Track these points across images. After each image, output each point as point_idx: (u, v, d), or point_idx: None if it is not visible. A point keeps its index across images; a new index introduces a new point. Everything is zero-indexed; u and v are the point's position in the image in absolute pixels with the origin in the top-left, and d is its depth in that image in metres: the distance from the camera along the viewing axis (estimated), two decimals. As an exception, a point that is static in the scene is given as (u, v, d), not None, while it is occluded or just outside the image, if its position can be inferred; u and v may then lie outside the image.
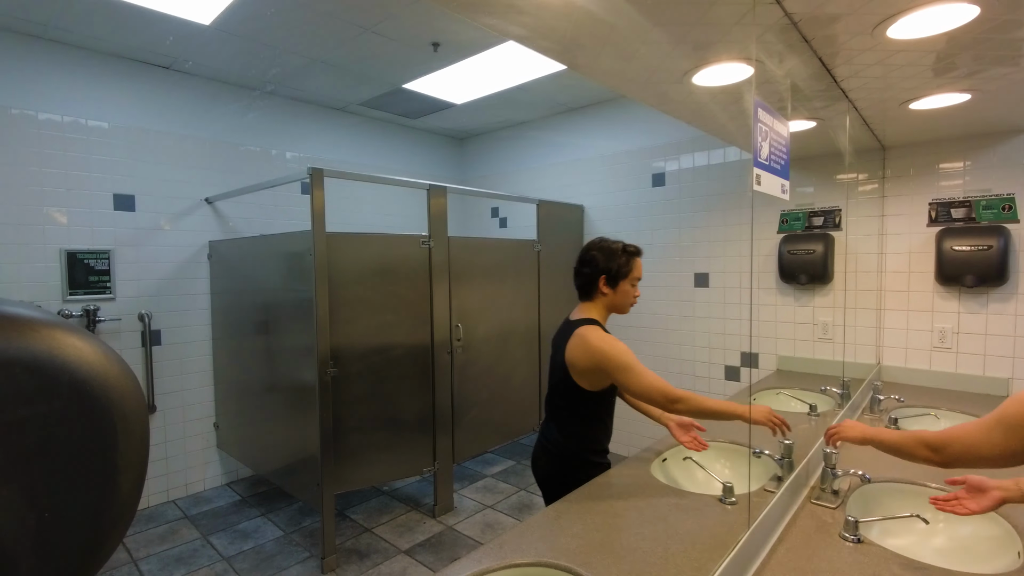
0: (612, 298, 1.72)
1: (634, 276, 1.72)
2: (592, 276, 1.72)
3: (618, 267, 1.70)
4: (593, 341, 1.62)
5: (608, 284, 1.71)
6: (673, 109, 2.13)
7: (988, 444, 1.05)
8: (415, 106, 4.17)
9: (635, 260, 1.73)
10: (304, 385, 2.79)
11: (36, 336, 0.45)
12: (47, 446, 0.45)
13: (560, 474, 1.76)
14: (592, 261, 1.72)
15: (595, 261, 1.72)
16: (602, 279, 1.71)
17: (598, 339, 1.62)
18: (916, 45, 1.52)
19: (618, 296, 1.72)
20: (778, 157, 1.38)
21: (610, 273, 1.70)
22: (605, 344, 1.61)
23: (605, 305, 1.74)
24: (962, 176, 2.61)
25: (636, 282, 1.74)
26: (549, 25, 1.34)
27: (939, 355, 2.70)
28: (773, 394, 2.54)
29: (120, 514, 0.50)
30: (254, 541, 2.95)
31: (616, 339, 1.65)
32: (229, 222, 3.69)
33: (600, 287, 1.71)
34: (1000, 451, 1.03)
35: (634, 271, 1.72)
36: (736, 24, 1.37)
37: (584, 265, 1.74)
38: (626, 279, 1.71)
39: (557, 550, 1.21)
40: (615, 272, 1.70)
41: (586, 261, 1.73)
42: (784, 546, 1.26)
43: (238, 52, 3.14)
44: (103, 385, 0.48)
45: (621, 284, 1.71)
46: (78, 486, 0.47)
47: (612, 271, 1.70)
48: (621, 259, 1.70)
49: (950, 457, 1.10)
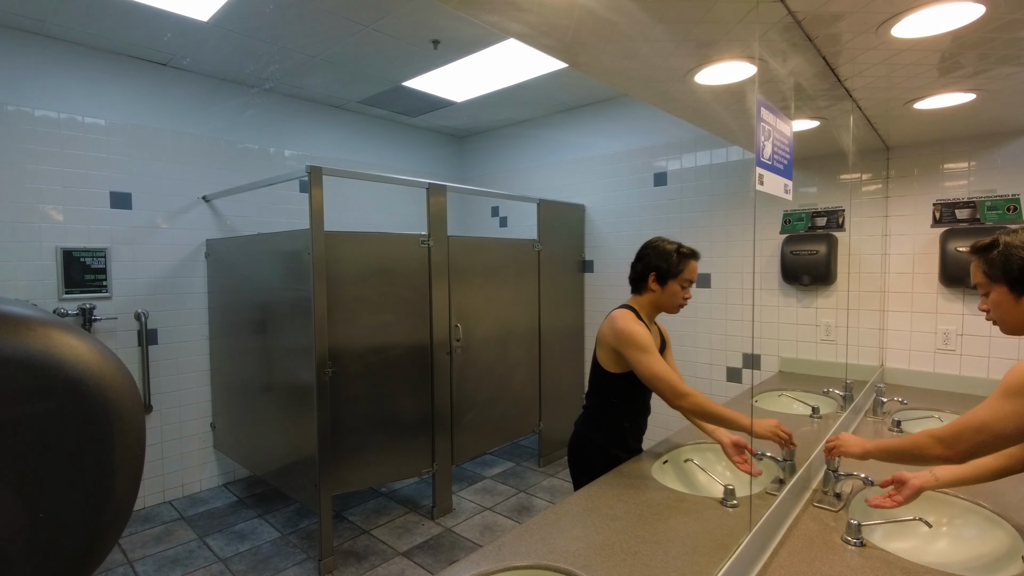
0: (659, 295, 1.79)
1: (684, 277, 1.77)
2: (643, 272, 1.80)
3: (668, 266, 1.76)
4: (618, 320, 1.73)
5: (657, 281, 1.78)
6: (675, 108, 2.13)
7: (997, 419, 1.04)
8: (415, 104, 4.17)
9: (688, 262, 1.77)
10: (302, 385, 2.79)
11: (31, 335, 0.45)
12: (42, 446, 0.45)
13: (575, 452, 1.90)
14: (644, 257, 1.81)
15: (647, 257, 1.80)
16: (652, 275, 1.78)
17: (624, 320, 1.72)
18: (921, 44, 1.52)
19: (666, 295, 1.78)
20: (781, 157, 1.38)
21: (660, 271, 1.77)
22: (628, 325, 1.70)
23: (651, 301, 1.81)
24: (967, 176, 2.61)
25: (687, 284, 1.78)
26: (550, 22, 1.34)
27: (943, 357, 2.70)
28: (775, 396, 2.54)
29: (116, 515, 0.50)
30: (251, 542, 2.95)
31: (644, 328, 1.72)
32: (227, 220, 3.69)
33: (649, 283, 1.79)
34: (1014, 424, 1.02)
35: (685, 272, 1.77)
36: (739, 22, 1.37)
37: (638, 260, 1.83)
38: (676, 279, 1.77)
39: (557, 552, 1.21)
40: (665, 271, 1.76)
41: (640, 257, 1.83)
42: (786, 549, 1.26)
43: (236, 49, 3.14)
44: (99, 385, 0.48)
45: (670, 283, 1.77)
46: (73, 487, 0.47)
47: (662, 269, 1.77)
48: (673, 259, 1.76)
49: (964, 445, 1.08)
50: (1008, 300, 1.14)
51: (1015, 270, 1.11)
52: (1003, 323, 1.18)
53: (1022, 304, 1.12)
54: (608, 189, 4.06)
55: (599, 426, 1.85)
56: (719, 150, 3.45)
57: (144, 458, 0.53)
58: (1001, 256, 1.13)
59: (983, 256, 1.18)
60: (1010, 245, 1.12)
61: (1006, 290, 1.14)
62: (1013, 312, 1.14)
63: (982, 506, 1.43)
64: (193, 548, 2.89)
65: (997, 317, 1.18)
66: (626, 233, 3.95)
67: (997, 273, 1.14)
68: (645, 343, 1.67)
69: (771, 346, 3.16)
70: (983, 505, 1.43)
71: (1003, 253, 1.13)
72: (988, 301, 1.19)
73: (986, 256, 1.17)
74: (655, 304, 1.81)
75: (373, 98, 4.03)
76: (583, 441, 1.88)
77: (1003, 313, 1.16)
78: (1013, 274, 1.12)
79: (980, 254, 1.19)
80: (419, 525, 3.12)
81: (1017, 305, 1.13)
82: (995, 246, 1.15)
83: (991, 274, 1.16)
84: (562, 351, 4.08)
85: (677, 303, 1.79)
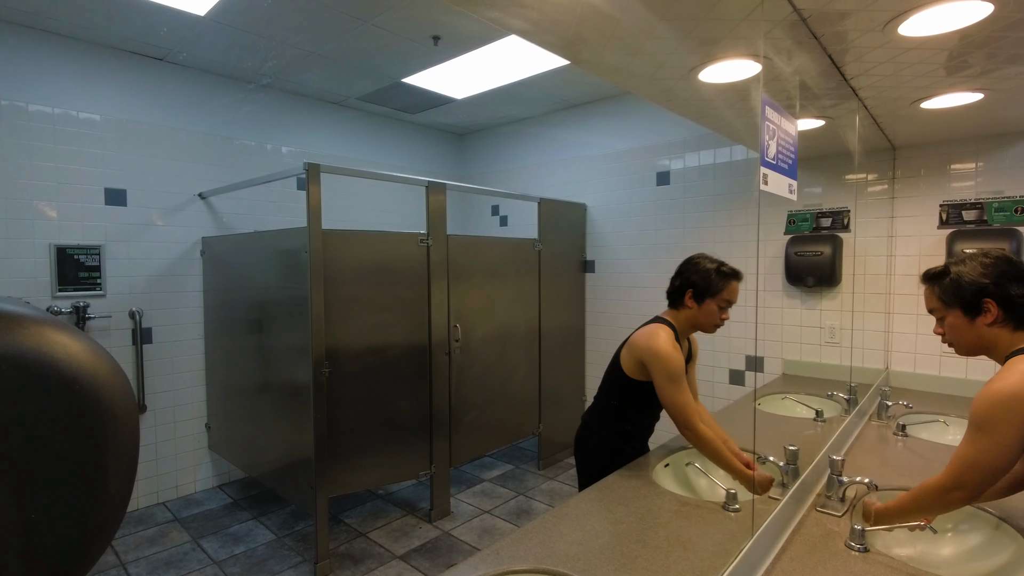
0: (696, 313, 1.79)
1: (723, 298, 1.76)
2: (681, 288, 1.81)
3: (708, 285, 1.76)
4: (656, 341, 1.73)
5: (694, 299, 1.78)
6: (679, 106, 2.13)
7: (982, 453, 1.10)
8: (414, 101, 4.17)
9: (730, 283, 1.76)
10: (298, 385, 2.79)
11: (24, 333, 0.45)
12: (34, 446, 0.45)
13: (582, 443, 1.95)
14: (684, 273, 1.82)
15: (686, 273, 1.80)
16: (689, 292, 1.78)
17: (661, 342, 1.72)
18: (928, 43, 1.52)
19: (702, 313, 1.78)
20: (786, 156, 1.38)
21: (697, 288, 1.77)
22: (665, 349, 1.71)
23: (687, 318, 1.81)
24: (974, 177, 2.61)
25: (726, 304, 1.78)
26: (552, 19, 1.34)
27: (949, 361, 2.70)
28: (778, 399, 2.54)
29: (109, 516, 0.50)
30: (245, 545, 2.95)
31: (679, 354, 1.73)
32: (223, 218, 3.69)
33: (686, 300, 1.79)
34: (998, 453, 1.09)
35: (724, 293, 1.76)
36: (744, 20, 1.37)
37: (677, 276, 1.84)
38: (714, 299, 1.76)
39: (556, 557, 1.21)
40: (703, 289, 1.76)
41: (679, 272, 1.84)
42: (788, 555, 1.26)
43: (233, 44, 3.14)
44: (92, 384, 0.48)
45: (707, 302, 1.76)
46: (66, 487, 0.47)
47: (700, 287, 1.76)
48: (713, 277, 1.76)
49: (972, 484, 1.13)
50: (963, 323, 1.26)
51: (967, 295, 1.23)
52: (958, 345, 1.29)
53: (976, 325, 1.24)
54: (610, 188, 4.06)
55: (607, 422, 1.90)
56: (723, 149, 3.45)
57: (138, 459, 0.53)
58: (952, 284, 1.26)
59: (937, 283, 1.30)
60: (960, 273, 1.25)
61: (960, 313, 1.26)
62: (968, 334, 1.26)
63: (988, 512, 1.43)
64: (187, 550, 2.89)
65: (952, 339, 1.29)
66: (628, 233, 3.95)
67: (950, 299, 1.27)
68: (676, 372, 1.69)
69: (774, 348, 3.16)
70: (989, 511, 1.43)
71: (954, 281, 1.26)
72: (944, 325, 1.30)
73: (940, 283, 1.29)
74: (692, 322, 1.81)
75: (372, 94, 4.03)
76: (590, 433, 1.93)
77: (958, 335, 1.28)
78: (966, 299, 1.24)
79: (933, 282, 1.31)
80: (416, 528, 3.12)
81: (972, 327, 1.24)
82: (946, 274, 1.28)
83: (945, 300, 1.28)
84: (562, 352, 4.08)
85: (714, 323, 1.78)
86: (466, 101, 4.15)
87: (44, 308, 2.95)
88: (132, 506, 3.37)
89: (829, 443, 1.83)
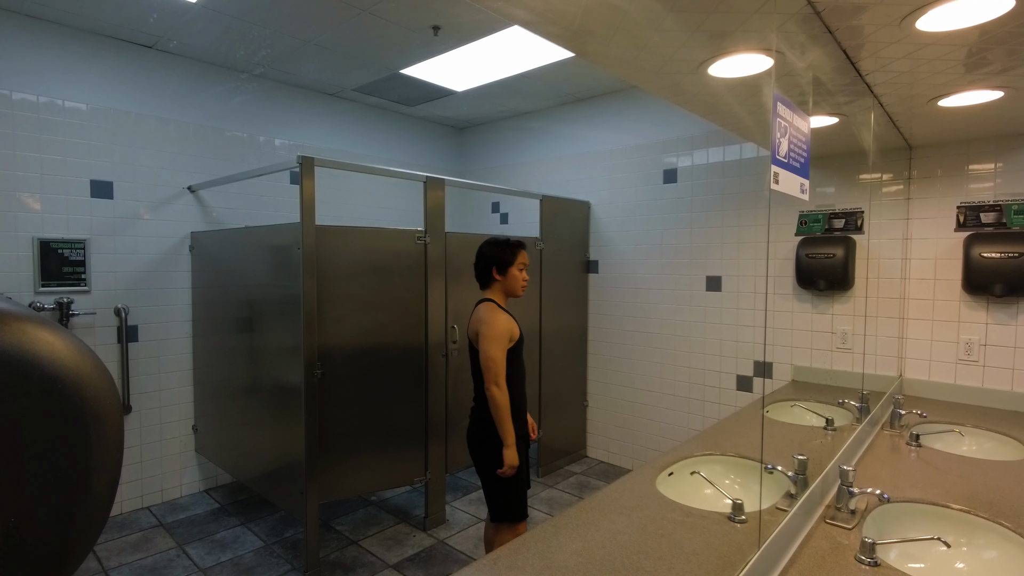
0: (504, 282, 2.23)
1: (520, 263, 2.22)
2: (486, 267, 2.23)
3: (503, 257, 2.20)
4: (481, 309, 2.19)
5: (499, 272, 2.21)
6: (687, 102, 2.13)
7: None
8: (413, 93, 4.18)
9: (518, 251, 2.22)
10: (289, 387, 2.80)
11: (5, 329, 0.45)
12: (15, 446, 0.45)
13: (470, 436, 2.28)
14: (484, 257, 2.24)
15: (485, 257, 2.23)
16: (493, 269, 2.21)
17: (486, 311, 2.16)
18: (946, 38, 1.52)
19: (509, 280, 2.22)
20: (798, 155, 1.38)
21: (498, 262, 2.21)
22: (487, 313, 2.15)
23: (500, 290, 2.25)
24: (993, 179, 2.61)
25: (523, 267, 2.23)
26: (557, 9, 1.34)
27: (965, 368, 2.70)
28: (787, 406, 2.54)
29: (91, 520, 0.50)
30: (233, 552, 2.95)
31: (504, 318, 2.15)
32: (213, 212, 3.69)
33: (494, 275, 2.22)
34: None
35: (519, 259, 2.22)
36: (756, 12, 1.37)
37: (479, 261, 2.25)
38: (513, 265, 2.20)
39: (554, 568, 1.21)
40: (502, 262, 2.20)
41: (479, 258, 2.25)
42: (796, 568, 1.26)
43: (226, 32, 3.14)
44: (76, 383, 0.48)
45: (510, 271, 2.21)
46: (47, 489, 0.47)
47: (500, 261, 2.20)
48: (505, 251, 2.20)
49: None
50: None
51: None
52: None
53: None
54: (615, 186, 4.06)
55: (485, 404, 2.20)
56: (732, 146, 3.45)
57: (122, 460, 0.53)
58: None
59: None
60: None
61: None
62: None
63: (1004, 526, 1.43)
64: (172, 556, 2.89)
65: None
66: (634, 232, 3.95)
67: None
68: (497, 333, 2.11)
69: (784, 354, 3.16)
70: (1005, 525, 1.43)
71: None
72: None
73: None
74: (504, 290, 2.24)
75: (369, 86, 4.04)
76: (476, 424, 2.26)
77: None
78: None
79: None
80: (410, 536, 3.12)
81: None
82: None
83: None
84: (564, 355, 4.08)
85: (520, 285, 2.23)
86: (466, 94, 4.15)
87: (26, 304, 2.95)
88: (115, 510, 3.37)
89: (839, 453, 1.83)
